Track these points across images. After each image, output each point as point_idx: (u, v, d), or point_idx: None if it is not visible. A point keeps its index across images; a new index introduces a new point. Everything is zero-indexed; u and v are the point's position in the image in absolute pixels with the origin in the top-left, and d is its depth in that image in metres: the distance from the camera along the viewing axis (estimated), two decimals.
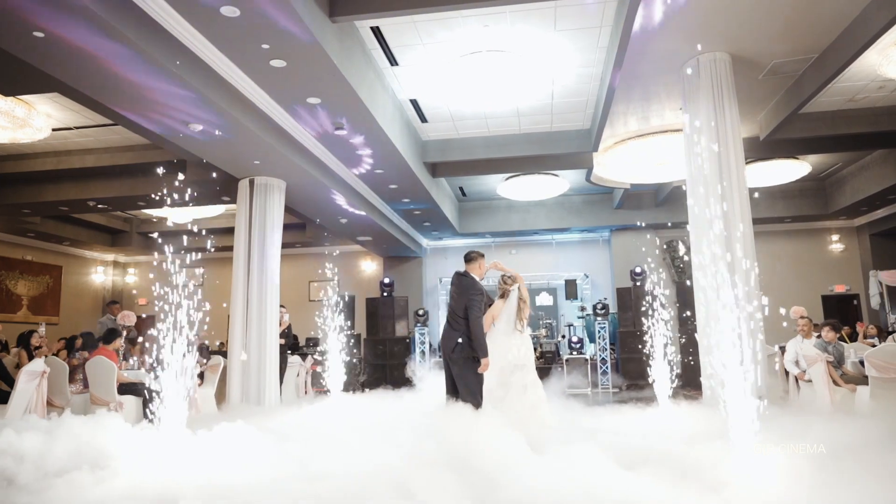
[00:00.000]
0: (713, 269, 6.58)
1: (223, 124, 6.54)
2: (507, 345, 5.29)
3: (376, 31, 6.88)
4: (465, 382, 4.99)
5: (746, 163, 11.26)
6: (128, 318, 8.41)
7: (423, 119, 9.45)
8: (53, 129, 9.25)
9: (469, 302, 5.04)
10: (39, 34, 4.63)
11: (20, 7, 4.38)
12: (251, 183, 8.31)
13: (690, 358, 9.10)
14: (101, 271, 16.42)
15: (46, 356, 5.99)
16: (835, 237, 14.52)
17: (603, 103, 8.19)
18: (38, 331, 6.88)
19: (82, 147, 10.18)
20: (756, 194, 8.12)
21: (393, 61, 7.55)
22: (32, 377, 4.94)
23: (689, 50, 6.85)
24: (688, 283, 8.86)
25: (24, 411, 4.69)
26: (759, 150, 10.12)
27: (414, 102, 8.81)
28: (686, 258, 11.72)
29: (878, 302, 12.68)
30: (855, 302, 14.06)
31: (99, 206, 11.34)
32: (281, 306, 8.40)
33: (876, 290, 12.75)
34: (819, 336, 6.61)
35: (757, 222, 13.36)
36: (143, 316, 15.90)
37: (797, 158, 11.33)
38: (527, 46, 7.27)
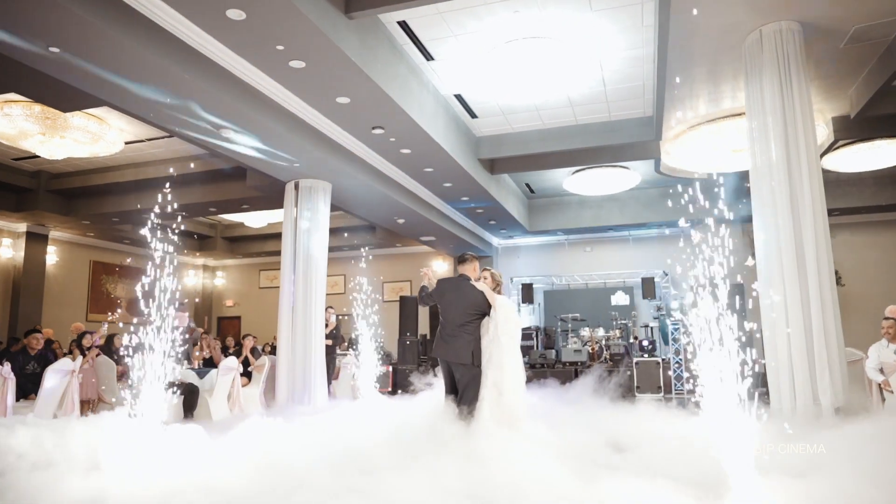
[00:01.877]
0: (779, 266, 5.89)
1: (251, 128, 6.63)
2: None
3: (404, 26, 6.72)
4: (475, 388, 4.81)
5: (838, 145, 10.15)
6: (182, 320, 8.78)
7: (473, 114, 9.19)
8: (126, 143, 9.88)
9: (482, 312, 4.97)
10: (55, 49, 4.86)
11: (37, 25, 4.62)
12: (296, 186, 8.43)
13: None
14: (192, 274, 17.47)
15: (95, 356, 6.34)
16: None
17: (657, 88, 7.57)
18: (101, 330, 7.31)
19: (156, 158, 10.82)
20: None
21: (427, 56, 7.36)
22: (60, 376, 5.21)
23: (749, 22, 6.13)
24: None
25: (57, 409, 4.96)
26: (853, 129, 8.98)
27: (459, 97, 8.58)
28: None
29: None
30: None
31: (176, 213, 12.00)
32: (328, 307, 8.46)
33: None
34: None
35: (858, 211, 12.15)
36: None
37: None
38: (564, 31, 6.82)
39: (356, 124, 7.46)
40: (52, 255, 13.39)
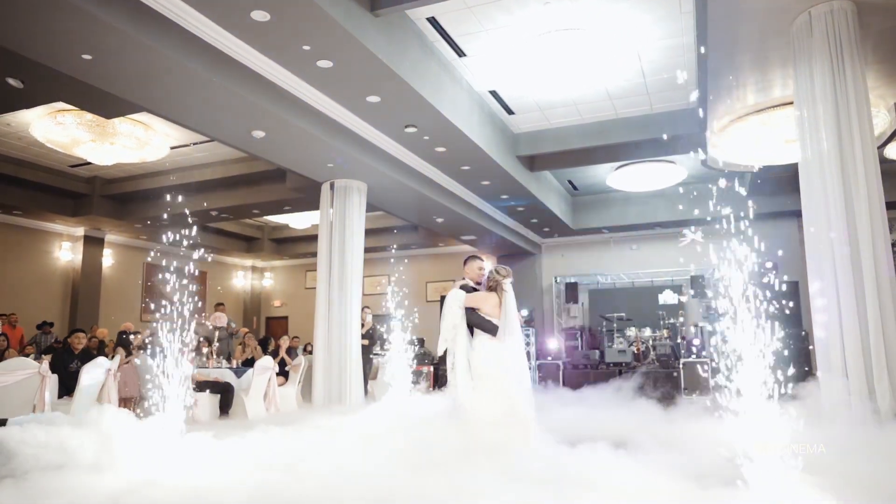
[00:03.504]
0: (831, 263, 5.52)
1: (281, 128, 6.68)
2: (514, 351, 4.80)
3: (433, 22, 6.64)
4: None
5: None
6: (219, 320, 8.97)
7: (509, 111, 9.03)
8: (172, 147, 10.17)
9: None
10: (87, 56, 5.00)
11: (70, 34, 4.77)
12: (332, 186, 8.48)
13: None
14: (241, 276, 17.89)
15: (137, 355, 6.53)
16: None
17: (699, 77, 7.24)
18: (149, 329, 7.51)
19: (201, 162, 11.09)
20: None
21: (459, 52, 7.26)
22: (97, 373, 5.37)
23: (797, 3, 5.76)
24: None
25: (94, 406, 5.10)
26: None
27: (494, 94, 8.44)
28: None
29: None
30: None
31: (221, 215, 12.31)
32: (364, 307, 8.47)
33: None
34: None
35: None
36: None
37: None
38: (597, 21, 6.60)
39: (388, 123, 7.43)
40: (108, 258, 13.93)
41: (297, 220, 13.84)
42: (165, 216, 12.45)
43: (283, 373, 7.97)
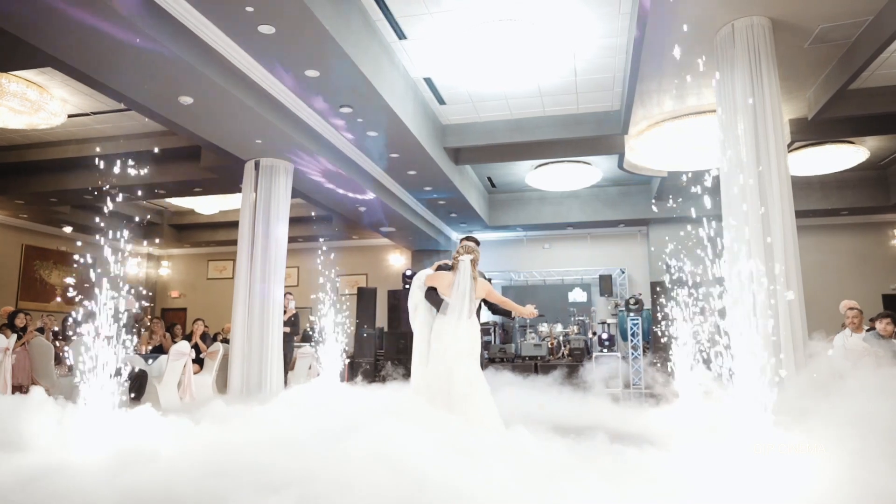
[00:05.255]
0: (748, 266, 5.92)
1: (213, 96, 6.25)
2: (457, 330, 4.69)
3: (379, 1, 6.48)
4: None
5: (795, 147, 10.43)
6: (130, 304, 8.24)
7: (441, 101, 9.00)
8: (69, 115, 9.24)
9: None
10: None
11: None
12: (256, 165, 8.05)
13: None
14: (136, 263, 16.61)
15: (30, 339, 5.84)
16: None
17: (629, 80, 7.56)
18: (40, 321, 6.76)
19: (102, 134, 10.17)
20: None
21: (400, 34, 7.13)
22: None
23: (723, 15, 6.16)
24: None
25: None
26: (809, 132, 9.24)
27: (428, 81, 8.37)
28: None
29: None
30: None
31: (120, 194, 11.33)
32: (287, 293, 8.10)
33: None
34: (870, 330, 5.83)
35: (809, 215, 12.55)
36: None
37: (853, 143, 10.36)
38: (542, 13, 6.71)
39: (324, 101, 7.15)
40: None
41: (205, 205, 13.06)
42: (53, 194, 11.31)
43: (198, 360, 7.44)
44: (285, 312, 8.03)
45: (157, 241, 15.73)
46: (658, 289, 10.76)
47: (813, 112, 8.47)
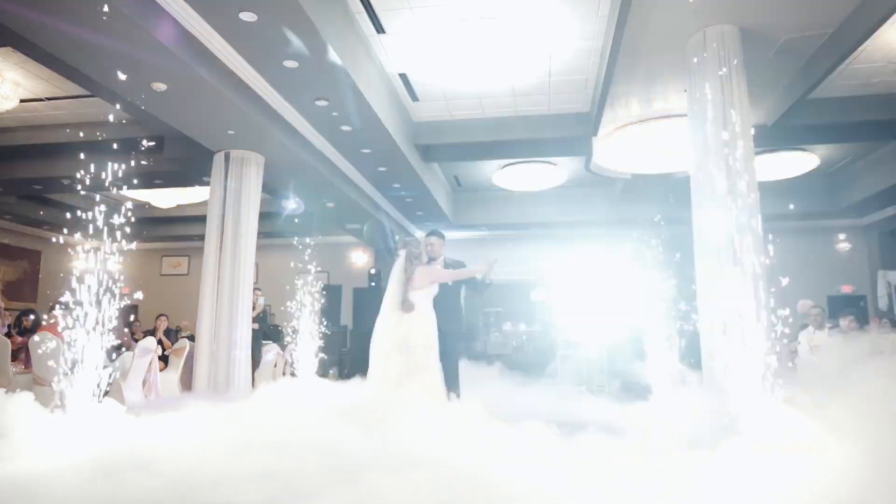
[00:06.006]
0: (717, 269, 6.11)
1: (188, 84, 6.04)
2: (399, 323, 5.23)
3: None
4: None
5: (755, 153, 10.84)
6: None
7: (415, 97, 8.96)
8: (22, 100, 8.76)
9: None
10: None
11: None
12: (227, 157, 7.83)
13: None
14: (84, 258, 15.87)
15: None
16: (842, 236, 14.02)
17: (602, 82, 7.69)
18: None
19: (56, 121, 9.68)
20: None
21: (379, 28, 7.06)
22: None
23: (695, 22, 6.34)
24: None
25: None
26: (768, 139, 9.61)
27: (403, 77, 8.32)
28: None
29: (886, 303, 12.18)
30: (862, 303, 13.55)
31: (73, 185, 10.82)
32: (256, 288, 7.91)
33: (884, 291, 12.24)
34: (832, 327, 6.14)
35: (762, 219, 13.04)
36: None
37: (805, 150, 10.84)
38: (522, 12, 6.76)
39: (300, 93, 7.02)
40: None
41: (162, 198, 12.61)
42: None
43: (163, 357, 7.17)
44: (254, 308, 7.84)
45: (117, 234, 15.07)
46: None
47: (773, 119, 8.81)
